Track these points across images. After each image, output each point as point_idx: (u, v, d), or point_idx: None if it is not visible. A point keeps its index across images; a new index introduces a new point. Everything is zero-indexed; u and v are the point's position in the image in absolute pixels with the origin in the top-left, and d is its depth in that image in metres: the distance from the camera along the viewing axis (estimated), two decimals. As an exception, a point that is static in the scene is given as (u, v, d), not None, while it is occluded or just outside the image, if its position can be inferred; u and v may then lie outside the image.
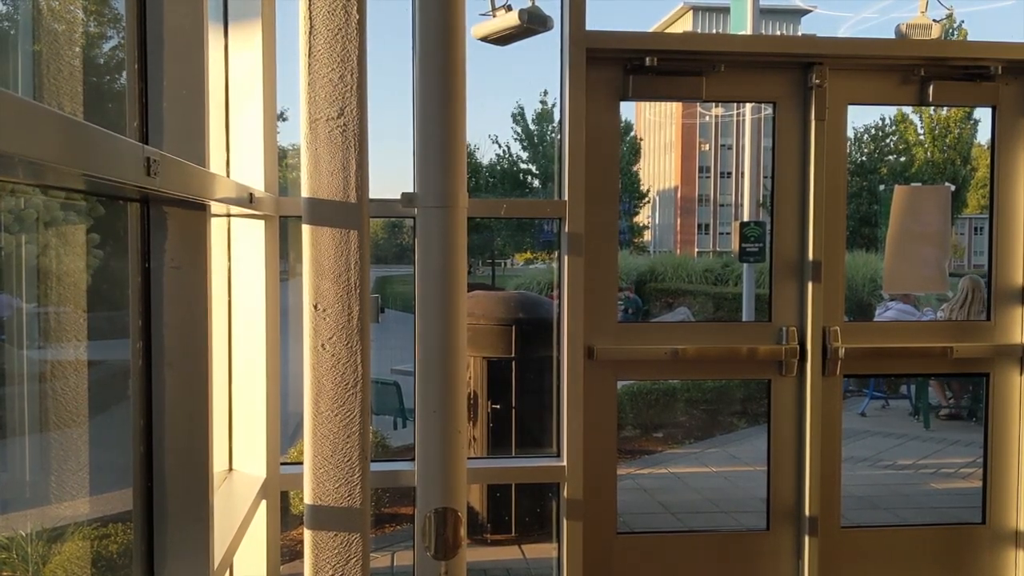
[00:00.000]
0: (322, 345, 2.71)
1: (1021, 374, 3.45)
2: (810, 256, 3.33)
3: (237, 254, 2.94)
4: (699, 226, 43.38)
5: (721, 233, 41.24)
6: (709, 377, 3.69)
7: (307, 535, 2.76)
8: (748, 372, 3.53)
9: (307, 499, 2.74)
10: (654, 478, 5.50)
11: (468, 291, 3.01)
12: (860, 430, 6.69)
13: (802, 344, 3.35)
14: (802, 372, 3.36)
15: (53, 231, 1.85)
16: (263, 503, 2.91)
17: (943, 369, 3.51)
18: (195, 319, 1.89)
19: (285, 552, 3.39)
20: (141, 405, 1.96)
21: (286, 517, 3.63)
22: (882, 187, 22.82)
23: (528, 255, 24.34)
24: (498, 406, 4.10)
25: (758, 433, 3.54)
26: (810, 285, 3.33)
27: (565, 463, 3.21)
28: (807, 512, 3.34)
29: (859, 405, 7.46)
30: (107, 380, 2.20)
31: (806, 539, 3.33)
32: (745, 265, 10.35)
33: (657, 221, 43.43)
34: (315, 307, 2.72)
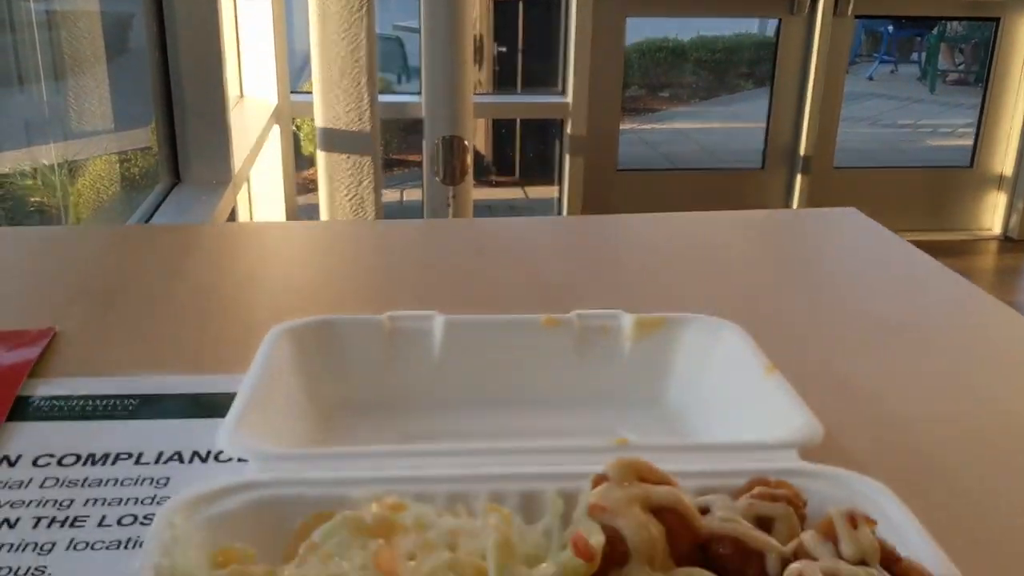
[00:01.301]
0: (326, -36, 2.65)
1: (1035, 17, 3.40)
2: None
3: None
4: None
5: None
6: (719, 14, 3.64)
7: (320, 157, 2.88)
8: (758, 10, 3.47)
9: (319, 122, 2.82)
10: (657, 133, 5.58)
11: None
12: (865, 93, 6.66)
13: (816, -19, 3.27)
14: (813, 11, 3.30)
15: None
16: (276, 127, 3.00)
17: (957, 12, 3.45)
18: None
19: (299, 187, 3.54)
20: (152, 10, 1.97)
21: (298, 158, 3.74)
22: None
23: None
24: (504, 49, 4.06)
25: (764, 94, 3.56)
26: (832, -83, 3.19)
27: (571, 100, 3.26)
28: (802, 152, 3.44)
29: (868, 69, 7.36)
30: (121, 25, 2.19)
31: (799, 177, 3.47)
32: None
33: None
34: (316, -78, 2.62)
